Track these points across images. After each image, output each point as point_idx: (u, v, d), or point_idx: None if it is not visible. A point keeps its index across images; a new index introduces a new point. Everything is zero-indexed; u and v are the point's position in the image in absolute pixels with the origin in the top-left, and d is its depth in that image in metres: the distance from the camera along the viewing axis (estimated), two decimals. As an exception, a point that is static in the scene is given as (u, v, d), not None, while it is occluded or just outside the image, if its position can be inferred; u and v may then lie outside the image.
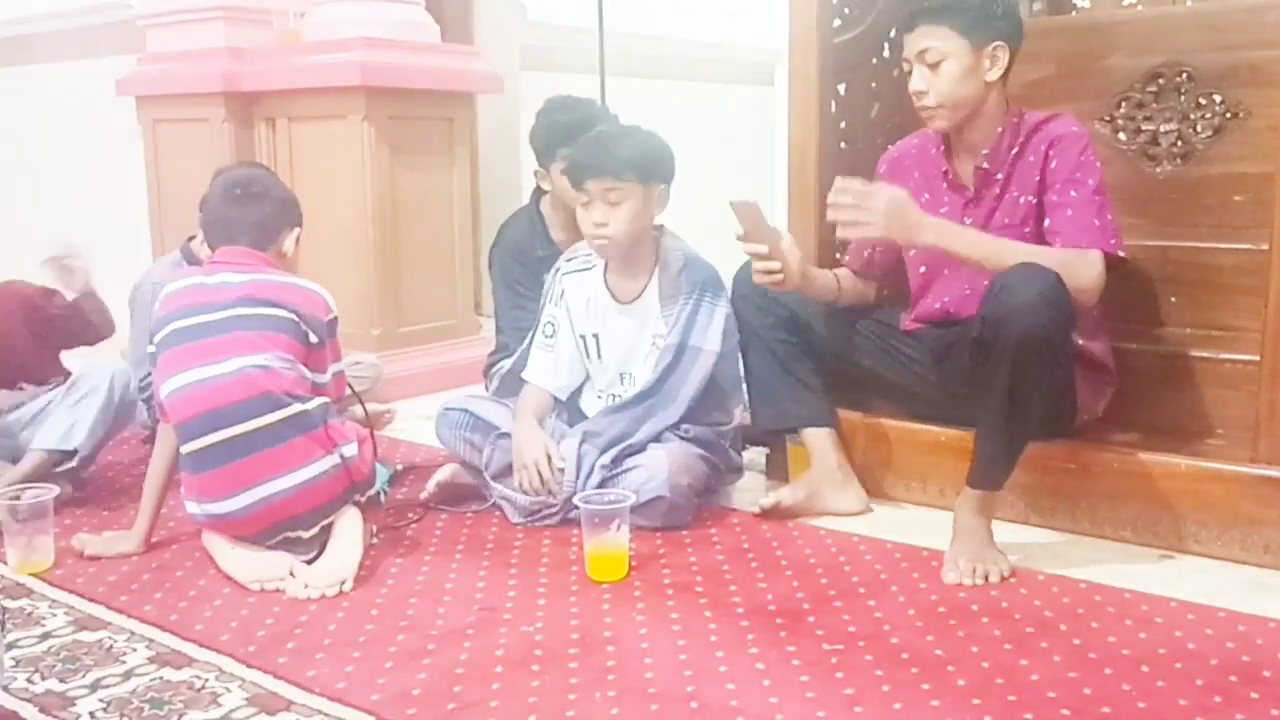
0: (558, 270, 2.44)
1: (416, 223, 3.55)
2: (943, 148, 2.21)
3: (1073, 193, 2.02)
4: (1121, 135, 2.33)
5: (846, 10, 2.53)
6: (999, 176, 2.12)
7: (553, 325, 2.40)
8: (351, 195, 3.43)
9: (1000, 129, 2.11)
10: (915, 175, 2.25)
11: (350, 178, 3.43)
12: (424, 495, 2.40)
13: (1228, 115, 2.22)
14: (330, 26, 3.53)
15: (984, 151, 2.13)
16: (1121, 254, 2.02)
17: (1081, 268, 1.94)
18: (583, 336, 2.39)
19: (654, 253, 2.34)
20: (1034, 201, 2.09)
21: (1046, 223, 2.05)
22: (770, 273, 2.11)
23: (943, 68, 2.06)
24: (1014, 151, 2.10)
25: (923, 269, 2.25)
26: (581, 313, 2.38)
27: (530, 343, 2.45)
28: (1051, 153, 2.06)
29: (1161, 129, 2.29)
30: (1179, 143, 2.27)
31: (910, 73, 2.12)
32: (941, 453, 2.26)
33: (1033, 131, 2.09)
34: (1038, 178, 2.07)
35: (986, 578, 1.90)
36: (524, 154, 2.82)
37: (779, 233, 2.12)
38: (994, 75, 2.07)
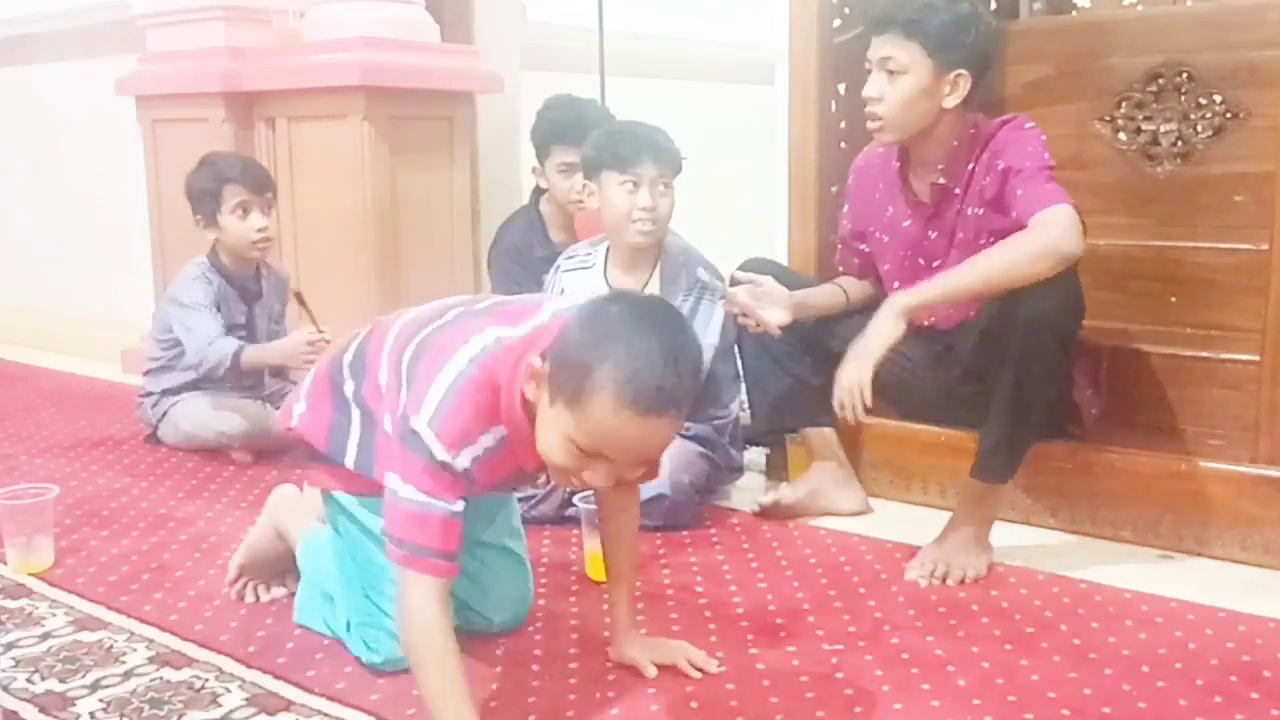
0: (557, 268, 2.44)
1: (416, 223, 3.55)
2: (899, 163, 2.19)
3: (1018, 176, 1.98)
4: (1121, 135, 2.33)
5: (846, 10, 2.53)
6: (956, 191, 2.10)
7: None
8: (351, 195, 3.43)
9: (956, 143, 2.09)
10: (880, 187, 2.24)
11: (350, 177, 3.43)
12: None
13: (1228, 115, 2.21)
14: (330, 26, 3.52)
15: (939, 167, 2.10)
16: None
17: (1046, 229, 1.88)
18: None
19: (656, 249, 2.34)
20: (980, 214, 2.07)
21: (1013, 214, 2.00)
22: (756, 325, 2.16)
23: (901, 81, 2.02)
24: (970, 166, 2.08)
25: (896, 284, 2.23)
26: None
27: None
28: (999, 160, 2.02)
29: (1161, 129, 2.29)
30: (1179, 143, 2.27)
31: (869, 74, 2.09)
32: (941, 453, 2.26)
33: (987, 140, 2.06)
34: (994, 191, 2.03)
35: (945, 579, 1.90)
36: (524, 154, 2.83)
37: (757, 280, 2.15)
38: (951, 102, 2.02)
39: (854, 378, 1.94)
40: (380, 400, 1.52)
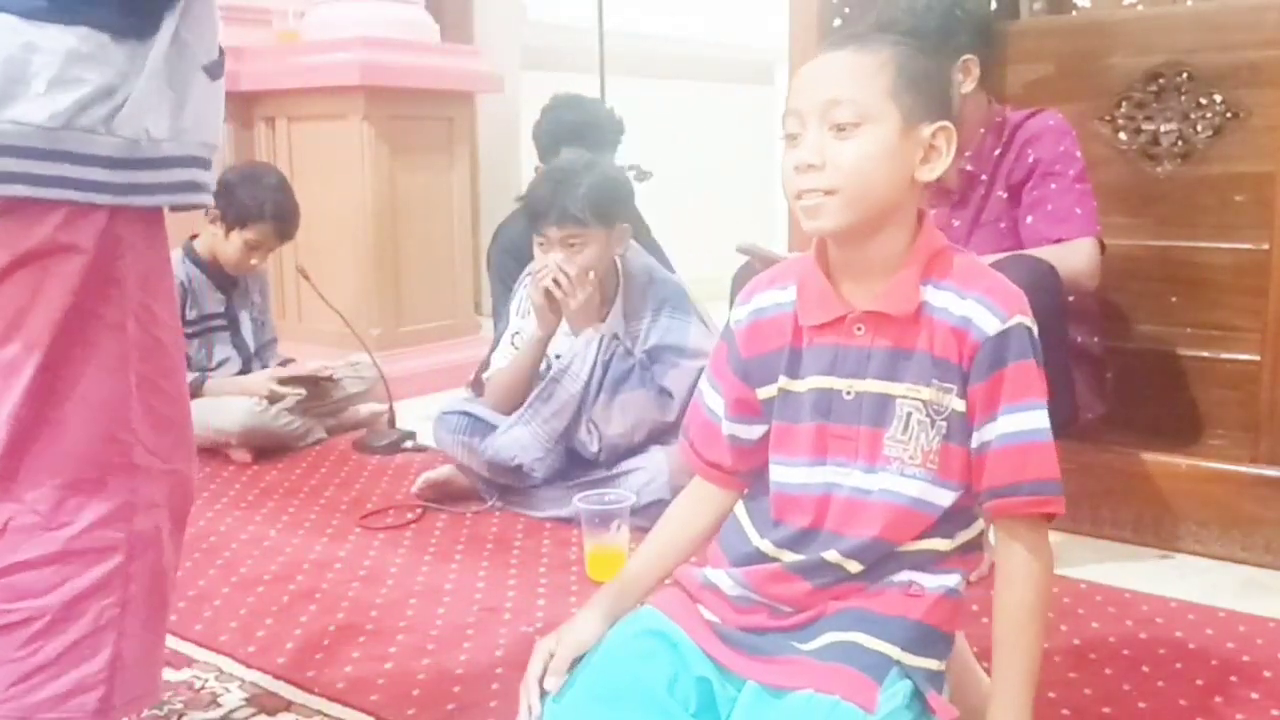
0: (528, 273, 2.38)
1: (416, 223, 3.55)
2: None
3: (1052, 185, 2.02)
4: (1121, 135, 2.33)
5: (846, 10, 2.53)
6: (983, 178, 2.11)
7: (521, 337, 2.37)
8: (351, 195, 3.43)
9: (983, 130, 2.11)
10: None
11: (350, 178, 3.43)
12: (414, 490, 2.40)
13: (1228, 115, 2.21)
14: (329, 26, 3.53)
15: (967, 154, 2.12)
16: (1102, 241, 2.02)
17: (1071, 258, 1.94)
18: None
19: (615, 279, 2.32)
20: (1005, 198, 2.08)
21: (1028, 219, 2.03)
22: None
23: None
24: (997, 152, 2.10)
25: None
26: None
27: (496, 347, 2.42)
28: (1030, 150, 2.05)
29: (1161, 129, 2.28)
30: (1179, 143, 2.27)
31: None
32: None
33: (1015, 130, 2.08)
34: (1019, 177, 2.06)
35: None
36: (524, 154, 2.83)
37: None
38: (969, 87, 2.06)
39: None
40: None
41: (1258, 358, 2.03)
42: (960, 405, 1.10)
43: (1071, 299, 1.97)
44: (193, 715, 1.49)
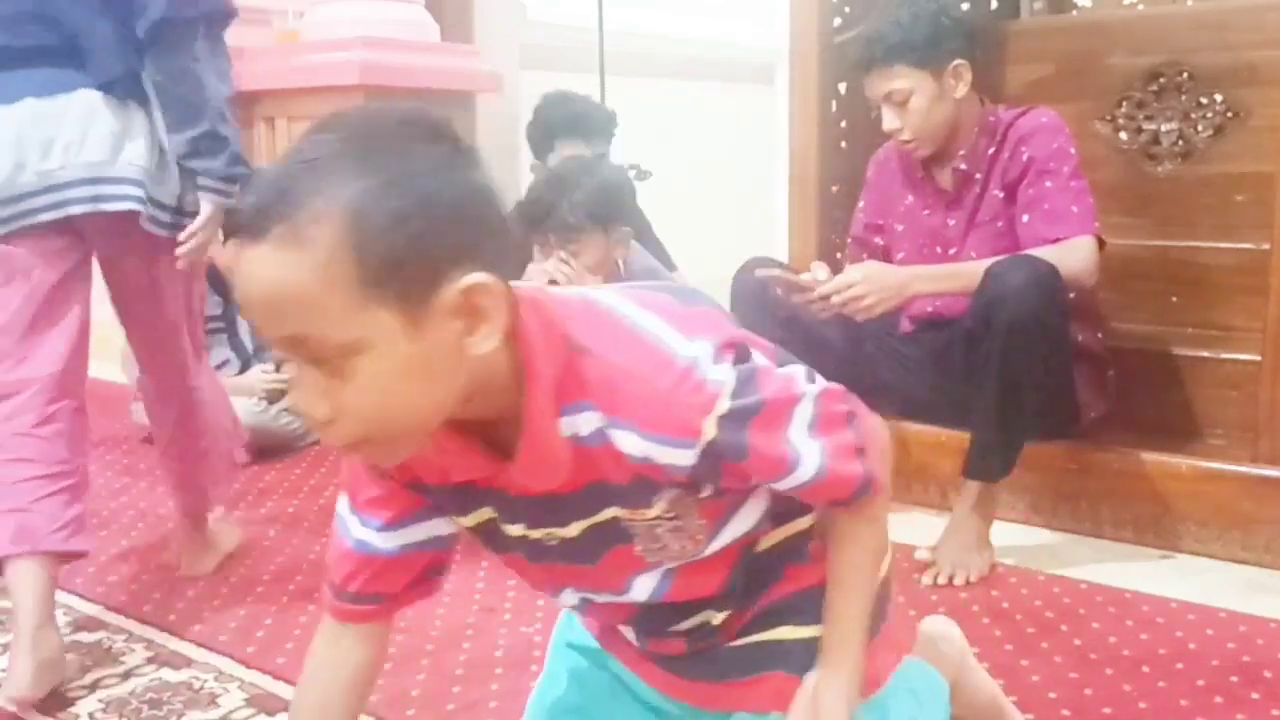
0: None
1: (416, 222, 3.55)
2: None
3: (1048, 183, 2.02)
4: (1122, 135, 2.33)
5: (846, 10, 2.54)
6: (977, 176, 2.12)
7: None
8: (351, 195, 3.42)
9: (976, 130, 2.11)
10: (899, 179, 2.26)
11: (350, 177, 3.42)
12: None
13: (1228, 115, 2.22)
14: (329, 26, 3.52)
15: (961, 153, 2.13)
16: (1100, 238, 2.02)
17: (1070, 257, 1.94)
18: None
19: (618, 275, 2.32)
20: (1001, 196, 2.09)
21: (1024, 218, 2.04)
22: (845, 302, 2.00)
23: (910, 104, 2.06)
24: (991, 151, 2.10)
25: None
26: None
27: None
28: (1024, 148, 2.06)
29: (1162, 129, 2.29)
30: (1179, 142, 2.27)
31: (879, 110, 2.13)
32: (941, 453, 2.26)
33: (1008, 128, 2.10)
34: (1014, 175, 2.07)
35: (951, 579, 1.90)
36: (524, 154, 2.83)
37: (820, 267, 2.13)
38: (961, 91, 2.07)
39: (876, 299, 1.94)
40: None
41: (1258, 358, 2.03)
42: (706, 489, 0.88)
43: (1072, 296, 1.97)
44: (193, 715, 1.49)
